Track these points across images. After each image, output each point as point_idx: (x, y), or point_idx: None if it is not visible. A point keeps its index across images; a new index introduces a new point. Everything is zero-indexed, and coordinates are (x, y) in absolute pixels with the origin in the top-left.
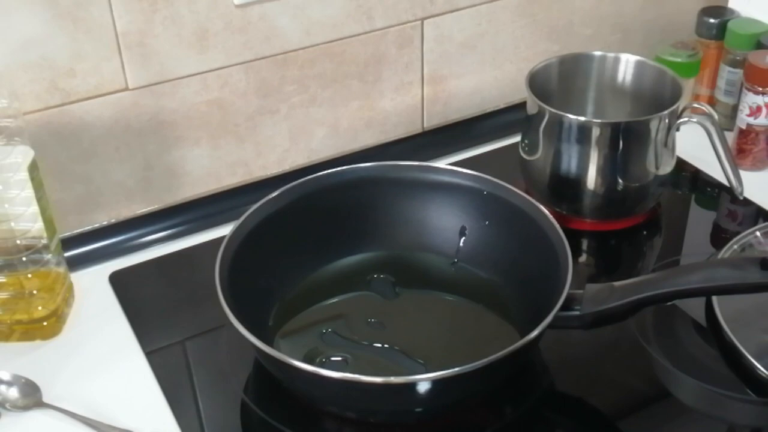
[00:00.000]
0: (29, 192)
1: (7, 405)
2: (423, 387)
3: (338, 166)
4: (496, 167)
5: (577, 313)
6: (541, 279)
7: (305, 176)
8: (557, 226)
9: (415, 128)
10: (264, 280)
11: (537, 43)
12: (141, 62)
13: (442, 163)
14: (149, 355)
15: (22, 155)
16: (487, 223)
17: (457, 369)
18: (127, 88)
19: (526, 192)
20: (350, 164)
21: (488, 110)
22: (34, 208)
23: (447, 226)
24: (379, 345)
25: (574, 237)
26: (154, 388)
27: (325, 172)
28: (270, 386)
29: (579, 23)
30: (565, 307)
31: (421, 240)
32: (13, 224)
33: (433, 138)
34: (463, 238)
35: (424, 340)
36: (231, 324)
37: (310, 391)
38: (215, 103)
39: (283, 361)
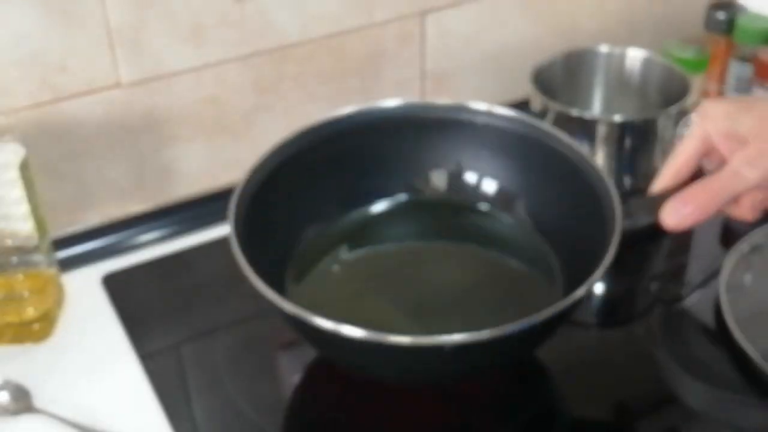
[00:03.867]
0: (20, 191)
1: None
2: (455, 348)
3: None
4: None
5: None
6: (585, 229)
7: None
8: (602, 171)
9: None
10: (279, 230)
11: (541, 38)
12: (134, 57)
13: (476, 103)
14: (143, 358)
15: (12, 153)
16: (525, 168)
17: (499, 329)
18: (120, 85)
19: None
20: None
21: None
22: (25, 208)
23: (481, 171)
24: (407, 300)
25: None
26: (147, 393)
27: (345, 113)
28: (268, 391)
29: (584, 17)
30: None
31: (451, 185)
32: (2, 224)
33: None
34: (499, 184)
35: (455, 296)
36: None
37: (330, 350)
38: (210, 100)
39: (303, 317)
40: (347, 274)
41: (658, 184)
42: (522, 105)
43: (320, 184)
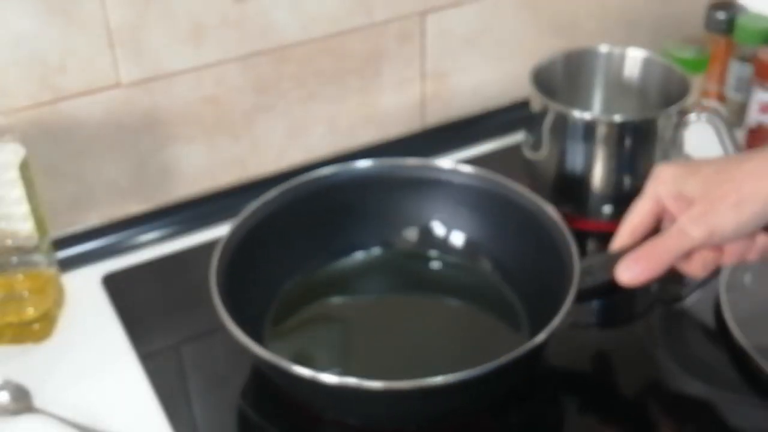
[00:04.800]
0: (20, 191)
1: None
2: (426, 392)
3: (336, 164)
4: (498, 165)
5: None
6: (547, 278)
7: (302, 174)
8: (561, 222)
9: (415, 126)
10: (260, 282)
11: (541, 38)
12: (134, 57)
13: (442, 161)
14: (143, 358)
15: (12, 153)
16: (490, 221)
17: (463, 373)
18: (120, 85)
19: (530, 190)
20: (348, 162)
21: (491, 108)
22: (25, 208)
23: (449, 225)
24: (379, 348)
25: (578, 237)
26: (147, 393)
27: (324, 173)
28: (267, 392)
29: (584, 17)
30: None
31: (422, 239)
32: (3, 224)
33: (434, 136)
34: (466, 237)
35: (426, 344)
36: (227, 327)
37: (309, 396)
38: (210, 100)
39: (279, 365)
40: (322, 324)
41: (616, 243)
42: (522, 105)
43: (299, 239)
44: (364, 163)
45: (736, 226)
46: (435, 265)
